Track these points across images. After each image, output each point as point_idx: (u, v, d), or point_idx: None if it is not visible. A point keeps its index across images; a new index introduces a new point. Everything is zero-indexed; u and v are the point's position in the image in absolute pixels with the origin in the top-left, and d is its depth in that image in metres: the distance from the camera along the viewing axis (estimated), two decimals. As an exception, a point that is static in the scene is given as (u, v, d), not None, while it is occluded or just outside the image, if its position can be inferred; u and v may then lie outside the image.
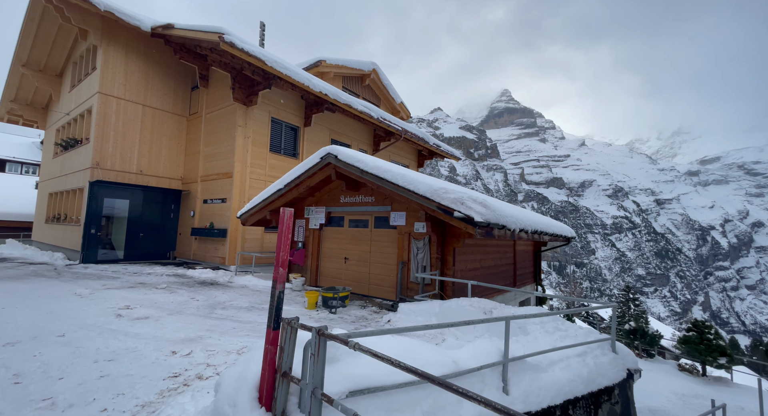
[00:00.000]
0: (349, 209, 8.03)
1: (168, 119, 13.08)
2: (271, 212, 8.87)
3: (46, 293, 6.59)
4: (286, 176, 8.21)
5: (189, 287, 7.99)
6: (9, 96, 15.44)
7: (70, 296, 6.37)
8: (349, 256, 8.03)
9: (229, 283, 8.73)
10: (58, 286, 7.34)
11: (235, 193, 11.16)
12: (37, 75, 14.26)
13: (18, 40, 12.99)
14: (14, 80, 14.77)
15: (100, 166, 11.34)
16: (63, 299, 6.05)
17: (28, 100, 15.92)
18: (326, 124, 13.97)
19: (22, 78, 14.66)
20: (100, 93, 11.32)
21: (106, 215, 11.78)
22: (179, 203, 13.46)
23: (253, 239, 11.46)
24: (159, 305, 5.97)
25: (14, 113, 16.25)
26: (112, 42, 11.52)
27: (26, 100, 15.91)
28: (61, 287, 7.17)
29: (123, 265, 11.11)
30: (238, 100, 11.11)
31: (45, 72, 14.47)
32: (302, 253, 8.94)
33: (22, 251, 13.47)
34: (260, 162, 11.70)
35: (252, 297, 7.14)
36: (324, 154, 7.22)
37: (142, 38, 12.22)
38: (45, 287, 7.12)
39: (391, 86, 16.56)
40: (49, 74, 14.57)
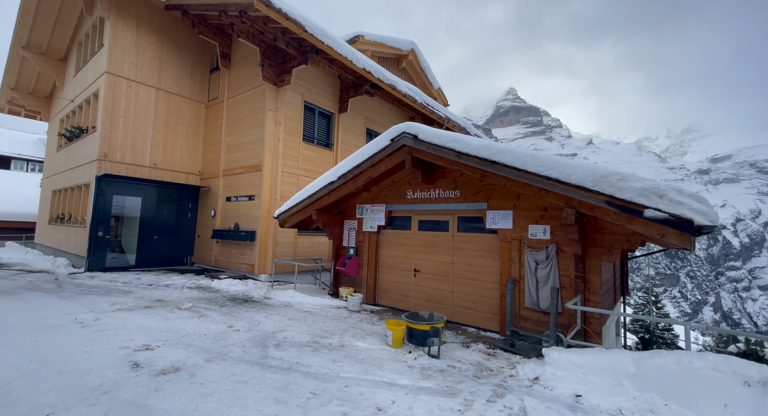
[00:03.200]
0: (420, 206, 6.30)
1: (185, 106, 11.48)
2: (318, 212, 7.17)
3: (39, 318, 4.97)
4: (341, 166, 6.50)
5: (219, 306, 6.34)
6: (9, 83, 13.99)
7: (69, 324, 4.74)
8: (420, 267, 6.30)
9: (267, 300, 7.06)
10: (56, 306, 5.73)
11: (265, 189, 9.50)
12: (38, 59, 12.76)
13: (17, 18, 11.48)
14: (14, 65, 13.29)
15: (108, 158, 9.76)
16: (59, 331, 4.42)
17: (30, 88, 14.46)
18: (362, 110, 12.25)
19: (22, 62, 13.18)
20: (108, 73, 9.73)
21: (116, 214, 10.21)
22: (197, 201, 11.87)
23: (285, 242, 9.81)
24: (189, 342, 4.30)
25: (15, 103, 14.83)
26: (121, 14, 9.93)
27: (28, 88, 14.45)
28: (59, 309, 5.56)
29: (135, 273, 9.53)
30: (267, 80, 9.44)
31: (48, 55, 12.96)
32: (355, 262, 7.24)
33: (22, 256, 12.00)
34: (293, 153, 10.03)
35: (307, 324, 5.45)
36: (398, 134, 5.50)
37: (155, 11, 10.62)
38: (38, 309, 5.51)
39: (430, 70, 14.79)
40: (52, 58, 13.06)
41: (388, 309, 6.63)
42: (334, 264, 7.58)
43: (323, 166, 10.93)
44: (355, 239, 7.38)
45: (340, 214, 7.70)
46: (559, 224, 4.65)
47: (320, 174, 10.77)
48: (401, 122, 14.16)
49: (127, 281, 8.26)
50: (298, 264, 7.58)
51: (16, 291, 6.85)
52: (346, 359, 3.93)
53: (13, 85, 14.12)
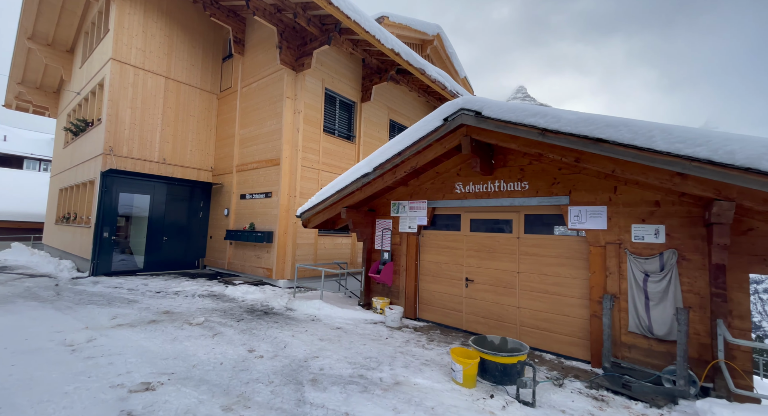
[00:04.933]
0: (474, 202, 5.24)
1: (196, 96, 10.65)
2: (348, 209, 6.18)
3: (23, 338, 4.09)
4: (377, 156, 5.49)
5: (236, 320, 5.40)
6: (16, 77, 13.42)
7: (56, 348, 3.84)
8: (473, 276, 5.24)
9: (290, 311, 6.10)
10: (48, 320, 4.87)
11: (283, 184, 8.57)
12: (45, 50, 12.12)
13: (22, 6, 10.82)
14: (20, 58, 12.69)
15: (114, 152, 8.97)
16: (41, 358, 3.51)
17: (37, 82, 13.88)
18: (385, 100, 11.24)
19: (29, 55, 12.57)
20: (114, 60, 8.94)
21: (123, 214, 9.42)
22: (209, 199, 11.03)
23: (305, 244, 8.86)
24: (201, 375, 3.34)
25: (23, 98, 14.29)
26: (127, -4, 9.12)
27: (35, 82, 13.88)
28: (50, 324, 4.69)
29: (143, 278, 8.71)
30: (286, 64, 8.50)
31: (54, 47, 12.31)
32: (390, 268, 6.22)
33: (27, 258, 11.35)
34: (313, 146, 9.08)
35: (344, 347, 4.46)
36: (453, 111, 4.46)
37: (164, -7, 9.81)
38: (26, 324, 4.65)
39: (456, 57, 13.67)
40: (58, 49, 12.42)
41: (434, 326, 5.58)
42: (366, 270, 6.58)
43: (345, 160, 9.96)
44: (390, 241, 6.36)
45: (372, 212, 6.70)
46: (678, 223, 3.54)
47: (342, 169, 9.81)
48: (427, 113, 13.14)
49: (133, 288, 7.42)
50: (324, 270, 6.61)
51: (9, 300, 6.04)
52: (410, 407, 2.92)
53: (20, 79, 13.55)
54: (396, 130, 11.87)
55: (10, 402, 2.62)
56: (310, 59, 8.39)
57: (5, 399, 2.65)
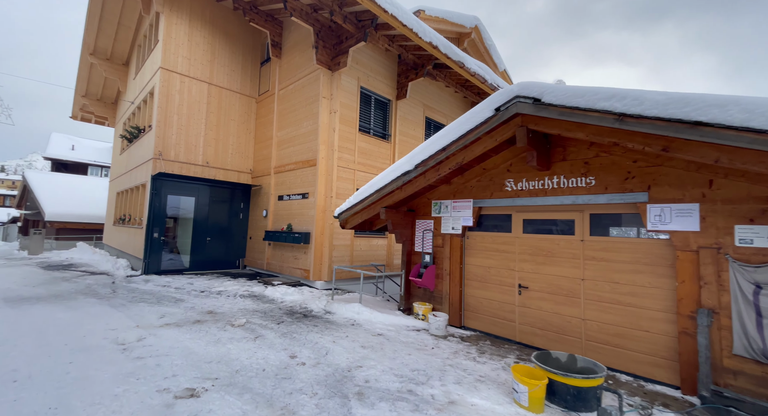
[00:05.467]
0: (527, 201, 4.75)
1: (236, 101, 10.96)
2: (387, 210, 5.92)
3: (80, 335, 4.25)
4: (419, 152, 5.18)
5: (276, 322, 5.33)
6: (80, 91, 14.70)
7: (109, 346, 3.92)
8: (528, 283, 4.76)
9: (329, 315, 5.94)
10: (103, 317, 5.07)
11: (320, 185, 8.51)
12: (104, 64, 13.13)
13: (85, 24, 11.78)
14: (84, 72, 13.87)
15: (162, 156, 9.41)
16: (95, 357, 3.58)
17: (98, 94, 15.12)
18: (421, 97, 10.88)
19: (91, 69, 13.69)
20: (163, 69, 9.39)
21: (171, 215, 9.88)
22: (249, 200, 11.30)
23: (341, 245, 8.74)
24: (245, 382, 3.22)
25: (86, 109, 15.63)
26: (174, 7, 9.56)
27: (96, 94, 15.12)
28: (105, 321, 4.87)
29: (188, 277, 9.04)
30: (322, 63, 8.43)
31: (112, 61, 13.30)
32: (432, 272, 5.86)
33: (90, 256, 12.30)
34: (349, 145, 8.94)
35: (388, 357, 4.19)
36: (507, 99, 4.03)
37: (207, 2, 10.19)
38: (84, 321, 4.86)
39: (495, 49, 13.00)
40: (115, 63, 13.40)
41: (482, 336, 5.15)
42: (405, 273, 6.28)
43: (380, 159, 9.74)
44: (431, 243, 6.01)
45: (411, 213, 6.38)
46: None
47: (377, 168, 9.59)
48: (465, 109, 12.61)
49: (179, 287, 7.68)
50: (363, 273, 6.39)
51: (72, 296, 6.45)
52: (470, 431, 2.56)
53: (84, 92, 14.82)
54: (432, 128, 11.47)
55: (66, 403, 2.62)
56: (345, 58, 8.26)
57: (61, 400, 2.66)
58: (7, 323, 4.55)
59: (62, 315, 5.10)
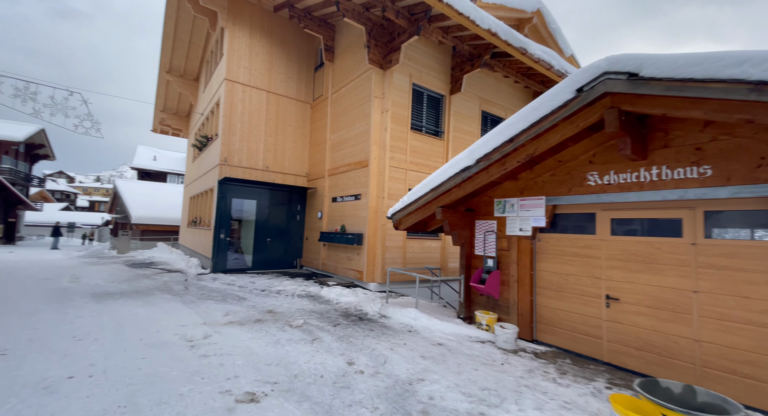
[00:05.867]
0: (615, 197, 4.05)
1: (292, 107, 11.36)
2: (444, 209, 5.53)
3: (154, 330, 4.52)
4: (480, 146, 4.73)
5: (332, 324, 5.22)
6: (159, 106, 16.50)
7: (178, 343, 4.09)
8: (618, 293, 4.04)
9: (384, 319, 5.71)
10: (175, 313, 5.39)
11: (372, 186, 8.37)
12: (178, 81, 14.55)
13: (161, 46, 13.17)
14: (162, 89, 15.53)
15: (227, 162, 10.05)
16: (165, 353, 3.74)
17: (173, 109, 16.84)
18: (476, 90, 10.27)
19: (167, 86, 15.28)
20: (227, 80, 10.04)
21: (235, 218, 10.52)
22: (305, 202, 11.62)
23: (393, 247, 8.50)
24: (303, 389, 3.08)
25: (164, 123, 17.49)
26: (237, 21, 10.19)
27: (173, 108, 16.85)
28: (176, 317, 5.17)
29: (250, 275, 9.49)
30: (374, 63, 8.32)
31: (185, 77, 14.70)
32: (497, 278, 5.33)
33: (168, 255, 13.63)
34: (400, 145, 8.70)
35: (452, 371, 3.83)
36: (594, 77, 3.44)
37: (265, 14, 10.71)
38: (159, 316, 5.21)
39: (560, 33, 11.86)
40: (187, 79, 14.78)
41: (560, 353, 4.51)
42: (465, 278, 5.81)
43: (432, 158, 9.34)
44: (494, 245, 5.47)
45: (470, 212, 5.90)
46: None
47: (430, 167, 9.21)
48: (527, 100, 11.68)
49: (243, 285, 8.04)
50: (419, 276, 6.07)
51: (150, 292, 7.05)
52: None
53: (162, 107, 16.61)
54: (489, 122, 10.77)
55: (134, 401, 2.69)
56: (398, 54, 8.04)
57: (131, 397, 2.74)
58: (91, 317, 5.03)
59: (140, 310, 5.54)
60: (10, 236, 23.47)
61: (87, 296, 6.51)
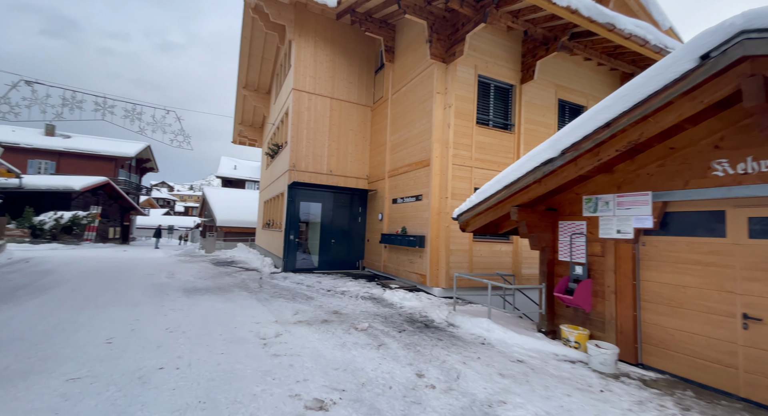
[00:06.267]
0: (756, 189, 3.14)
1: (353, 111, 11.56)
2: (519, 209, 4.95)
3: (233, 326, 4.78)
4: (566, 135, 4.10)
5: (397, 329, 5.01)
6: (238, 119, 18.25)
7: (253, 340, 4.25)
8: (760, 312, 3.12)
9: (453, 328, 5.31)
10: (251, 310, 5.70)
11: (434, 186, 8.01)
12: (253, 95, 15.91)
13: (239, 64, 14.52)
14: (239, 104, 17.15)
15: (296, 167, 10.57)
16: (241, 350, 3.89)
17: (250, 121, 18.48)
18: (551, 76, 9.26)
19: (244, 100, 16.82)
20: (294, 90, 10.59)
21: (303, 220, 11.03)
22: (366, 205, 11.71)
23: (458, 250, 8.01)
24: (372, 400, 2.90)
25: (242, 134, 19.30)
26: (302, 33, 10.71)
27: (249, 121, 18.50)
28: (252, 313, 5.45)
29: (317, 275, 9.80)
30: (436, 57, 7.98)
31: (258, 91, 16.01)
32: (588, 288, 4.59)
33: (246, 255, 14.88)
34: (465, 141, 8.19)
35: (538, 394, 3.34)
36: (723, 41, 2.70)
37: (328, 23, 11.09)
38: (237, 312, 5.54)
39: (654, 3, 10.16)
40: (261, 93, 16.08)
41: (677, 382, 3.66)
42: (547, 287, 5.13)
43: (501, 153, 8.63)
44: (584, 250, 4.73)
45: (552, 212, 5.21)
46: None
47: (498, 164, 8.51)
48: (614, 83, 10.24)
49: (310, 285, 8.30)
50: (491, 283, 5.53)
51: (230, 289, 7.64)
52: None
53: (240, 120, 18.34)
54: (567, 111, 9.64)
55: (213, 397, 2.77)
56: (462, 46, 7.59)
57: (209, 393, 2.83)
58: (182, 311, 5.54)
59: (221, 305, 5.97)
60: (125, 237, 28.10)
61: (179, 291, 7.28)
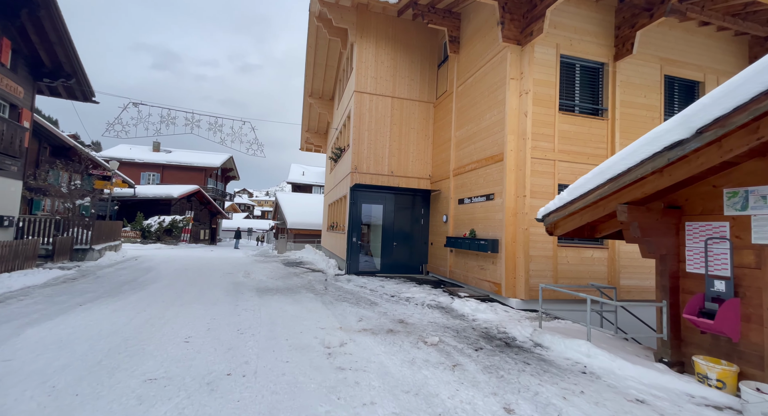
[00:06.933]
0: None
1: (415, 109, 11.14)
2: (629, 207, 3.97)
3: (298, 331, 4.66)
4: (704, 108, 3.09)
5: (473, 347, 4.38)
6: (305, 127, 19.15)
7: (317, 348, 4.03)
8: None
9: (541, 350, 4.49)
10: (316, 313, 5.58)
11: (508, 183, 7.14)
12: (318, 102, 16.50)
13: (305, 73, 15.17)
14: (306, 112, 17.96)
15: (357, 170, 10.51)
16: (305, 359, 3.67)
17: (315, 127, 19.26)
18: (655, 49, 7.70)
19: (310, 108, 17.56)
20: (356, 92, 10.57)
21: (365, 222, 10.91)
22: (428, 206, 11.15)
23: (539, 256, 6.99)
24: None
25: (309, 141, 20.21)
26: (364, 34, 10.66)
27: (315, 128, 19.29)
28: (317, 317, 5.32)
29: (380, 279, 9.53)
30: (509, 40, 7.15)
31: (323, 98, 16.56)
32: (734, 309, 3.44)
33: (312, 256, 15.38)
34: (545, 131, 7.17)
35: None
36: None
37: (389, 20, 10.89)
38: (303, 315, 5.46)
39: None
40: (325, 99, 16.61)
41: None
42: (670, 306, 4.03)
43: (590, 143, 7.38)
44: (727, 260, 3.57)
45: (674, 210, 4.10)
46: None
47: (586, 155, 7.30)
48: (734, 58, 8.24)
49: (373, 289, 8.04)
50: (590, 298, 4.54)
51: (297, 290, 7.74)
52: None
53: (307, 127, 19.22)
54: (676, 89, 7.94)
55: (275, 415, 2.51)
56: (540, 23, 6.66)
57: (272, 409, 2.60)
58: (253, 311, 5.63)
59: (289, 307, 5.97)
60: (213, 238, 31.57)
61: (253, 290, 7.58)
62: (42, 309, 5.31)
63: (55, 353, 3.61)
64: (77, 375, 3.10)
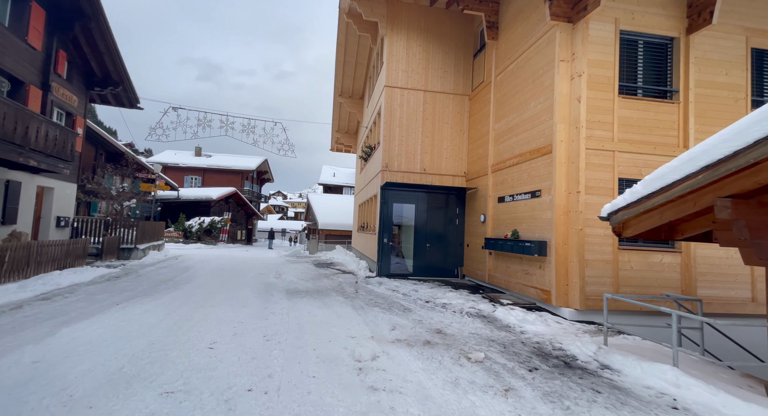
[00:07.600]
0: None
1: (449, 102, 10.52)
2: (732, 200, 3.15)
3: (326, 339, 4.27)
4: None
5: (526, 367, 3.73)
6: (335, 127, 19.07)
7: (346, 360, 3.60)
8: None
9: (610, 372, 3.74)
10: (346, 320, 5.18)
11: (558, 178, 6.34)
12: (348, 101, 16.30)
13: (335, 72, 15.01)
14: (336, 112, 17.84)
15: (388, 168, 10.06)
16: (332, 374, 3.25)
17: (345, 127, 19.12)
18: (739, 17, 6.55)
19: (340, 108, 17.42)
20: (386, 87, 10.14)
21: (396, 223, 10.42)
22: (464, 205, 10.46)
23: (597, 260, 6.12)
24: None
25: (339, 141, 20.12)
26: (395, 26, 10.22)
27: (345, 128, 19.15)
28: (347, 324, 4.91)
29: (413, 283, 8.99)
30: (558, 17, 6.36)
31: (353, 97, 16.34)
32: None
33: (343, 257, 15.15)
34: (603, 118, 6.29)
35: None
36: None
37: (421, 11, 10.37)
38: (332, 321, 5.08)
39: None
40: (355, 98, 16.37)
41: None
42: (790, 327, 3.14)
43: (657, 131, 6.40)
44: None
45: (792, 206, 3.20)
46: None
47: (653, 145, 6.33)
48: None
49: (406, 293, 7.53)
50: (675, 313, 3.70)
51: (326, 292, 7.41)
52: None
53: (337, 127, 19.12)
54: (766, 63, 6.70)
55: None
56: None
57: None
58: (281, 315, 5.33)
59: (318, 312, 5.62)
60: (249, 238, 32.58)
61: (282, 292, 7.36)
62: (82, 308, 5.36)
63: (81, 356, 3.49)
64: (96, 384, 2.90)
